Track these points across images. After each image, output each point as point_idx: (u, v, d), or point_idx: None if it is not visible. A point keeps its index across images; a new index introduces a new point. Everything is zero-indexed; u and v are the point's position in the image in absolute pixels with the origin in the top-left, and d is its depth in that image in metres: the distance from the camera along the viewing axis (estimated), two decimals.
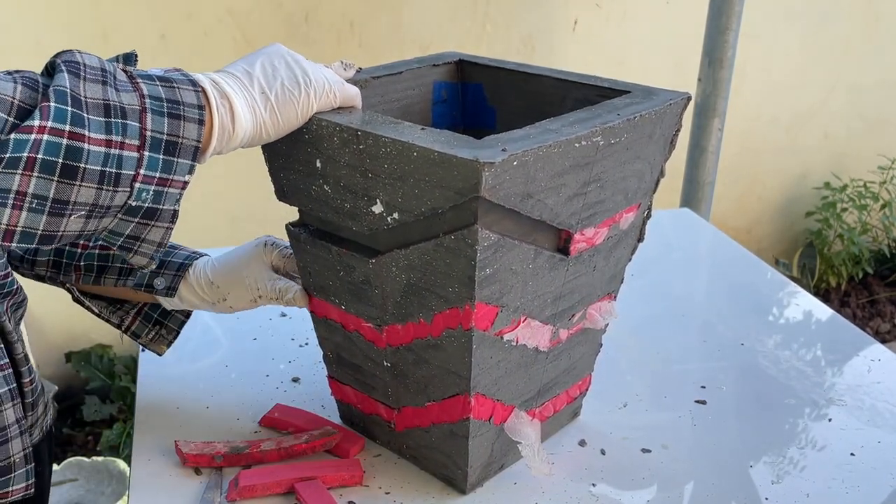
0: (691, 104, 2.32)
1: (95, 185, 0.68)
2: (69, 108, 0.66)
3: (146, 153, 0.70)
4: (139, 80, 0.72)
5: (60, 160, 0.65)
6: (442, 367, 0.86)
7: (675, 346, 1.25)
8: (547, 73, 1.00)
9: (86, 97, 0.68)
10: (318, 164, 0.84)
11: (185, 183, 0.75)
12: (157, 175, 0.72)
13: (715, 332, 1.29)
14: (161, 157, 0.72)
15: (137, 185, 0.71)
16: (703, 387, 1.14)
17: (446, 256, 0.78)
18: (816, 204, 3.07)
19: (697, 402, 1.11)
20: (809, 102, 3.04)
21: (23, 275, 1.01)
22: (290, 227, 0.95)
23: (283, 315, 1.31)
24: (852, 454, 1.01)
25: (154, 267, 0.89)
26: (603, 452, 1.01)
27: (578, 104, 0.94)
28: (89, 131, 0.67)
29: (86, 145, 0.66)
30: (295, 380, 1.14)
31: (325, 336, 1.00)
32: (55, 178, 0.66)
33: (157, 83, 0.73)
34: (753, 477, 0.97)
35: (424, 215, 0.78)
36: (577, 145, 0.78)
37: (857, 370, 1.19)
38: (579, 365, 1.00)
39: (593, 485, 0.95)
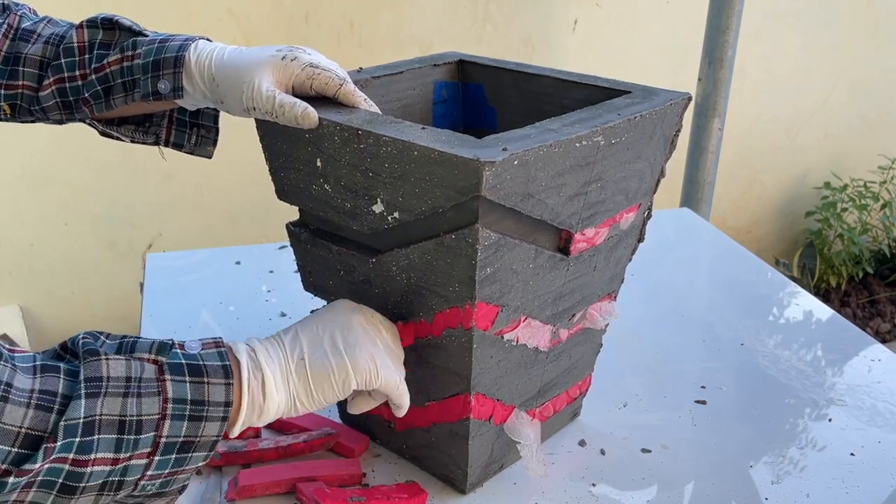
0: (691, 104, 2.32)
1: (95, 493, 0.67)
2: (77, 440, 0.64)
3: (156, 458, 0.68)
4: (167, 378, 0.68)
5: (60, 480, 0.64)
6: (442, 366, 0.86)
7: (675, 346, 1.25)
8: (547, 73, 1.00)
9: (101, 415, 0.65)
10: (319, 164, 0.84)
11: (198, 468, 0.72)
12: (166, 472, 0.69)
13: (715, 332, 1.29)
14: (173, 457, 0.69)
15: (143, 482, 0.69)
16: (703, 387, 1.14)
17: (447, 256, 0.78)
18: (816, 204, 3.07)
19: (697, 402, 1.11)
20: (809, 102, 3.04)
21: (41, 121, 0.97)
22: (291, 227, 0.95)
23: (283, 315, 1.32)
24: (852, 454, 1.01)
25: None
26: (603, 452, 1.01)
27: (579, 104, 0.94)
28: (96, 453, 0.65)
29: (89, 468, 0.65)
30: None
31: None
32: (53, 493, 0.65)
33: (186, 378, 0.69)
34: (753, 477, 0.97)
35: (425, 214, 0.78)
36: (577, 145, 0.78)
37: (857, 370, 1.19)
38: (579, 365, 1.00)
39: (593, 485, 0.95)
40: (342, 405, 1.05)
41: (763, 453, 1.01)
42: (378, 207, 0.81)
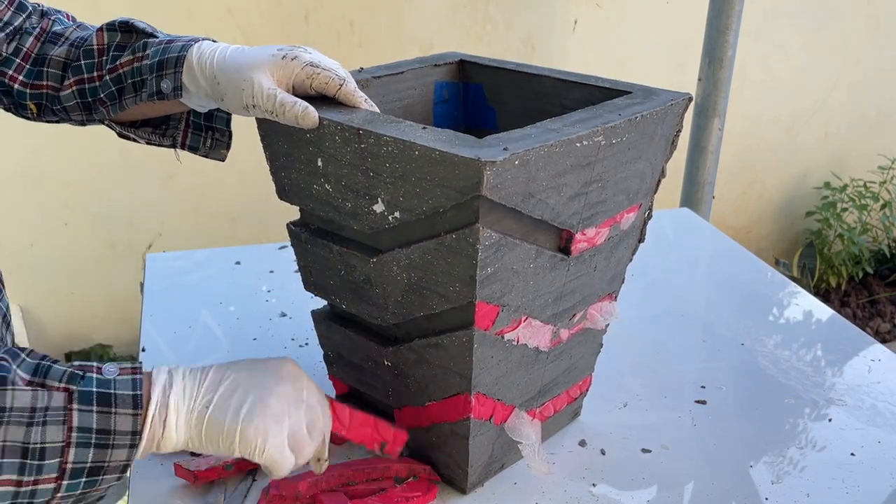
0: (691, 104, 2.32)
1: None
2: None
3: (65, 482, 0.70)
4: (74, 408, 0.70)
5: None
6: (443, 366, 0.86)
7: (675, 346, 1.25)
8: (547, 74, 1.00)
9: (4, 441, 0.67)
10: (320, 163, 0.84)
11: (111, 486, 0.73)
12: (77, 492, 0.71)
13: (715, 332, 1.29)
14: (83, 480, 0.71)
15: (54, 503, 0.71)
16: (703, 387, 1.14)
17: (447, 255, 0.78)
18: (816, 204, 3.07)
19: (697, 402, 1.11)
20: (810, 102, 3.04)
21: (65, 121, 0.99)
22: (291, 227, 0.95)
23: (284, 315, 1.31)
24: (852, 454, 1.01)
25: None
26: (603, 452, 1.01)
27: (579, 104, 0.94)
28: (2, 474, 0.67)
29: None
30: None
31: (326, 335, 1.00)
32: None
33: (94, 409, 0.70)
34: (753, 477, 0.97)
35: (426, 214, 0.78)
36: (578, 145, 0.78)
37: (857, 370, 1.19)
38: (580, 365, 1.00)
39: (593, 485, 0.95)
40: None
41: (763, 453, 1.01)
42: (379, 207, 0.81)
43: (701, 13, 2.41)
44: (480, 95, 1.08)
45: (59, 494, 0.70)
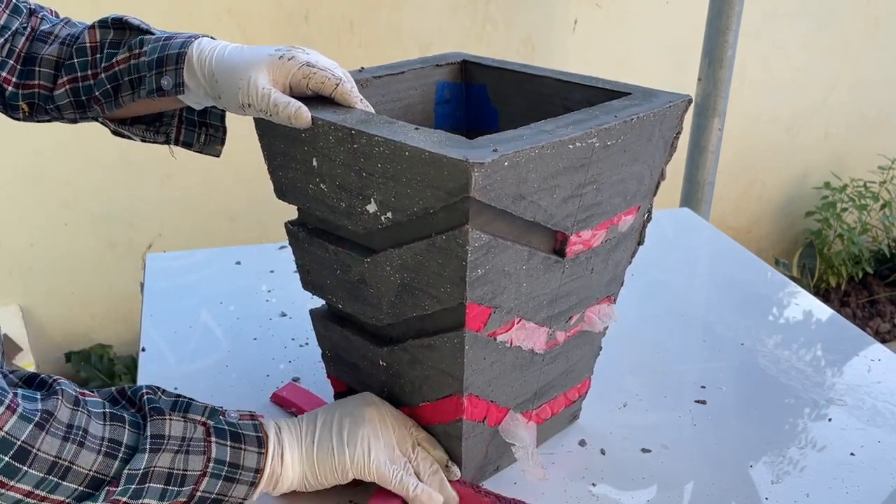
0: (691, 104, 2.32)
1: None
2: (133, 486, 0.75)
3: None
4: (213, 441, 0.80)
5: None
6: (435, 367, 0.86)
7: (675, 346, 1.25)
8: (549, 75, 1.00)
9: (155, 467, 0.76)
10: (315, 163, 0.84)
11: None
12: None
13: (715, 332, 1.29)
14: None
15: None
16: (703, 387, 1.14)
17: (438, 256, 0.78)
18: (816, 204, 3.07)
19: (697, 402, 1.11)
20: (809, 102, 3.04)
21: (57, 120, 0.99)
22: (289, 226, 0.95)
23: (284, 315, 1.31)
24: (852, 454, 1.01)
25: None
26: (603, 452, 1.01)
27: (580, 105, 0.93)
28: (144, 498, 0.76)
29: None
30: (295, 380, 1.14)
31: (324, 334, 1.00)
32: None
33: (228, 443, 0.80)
34: (753, 477, 0.97)
35: (417, 215, 0.77)
36: (571, 147, 0.77)
37: (857, 370, 1.19)
38: (577, 368, 1.00)
39: (593, 485, 0.95)
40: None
41: (763, 453, 1.01)
42: (372, 207, 0.81)
43: (701, 13, 2.40)
44: (483, 96, 1.08)
45: None
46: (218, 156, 1.04)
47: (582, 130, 0.78)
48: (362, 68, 1.02)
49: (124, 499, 0.74)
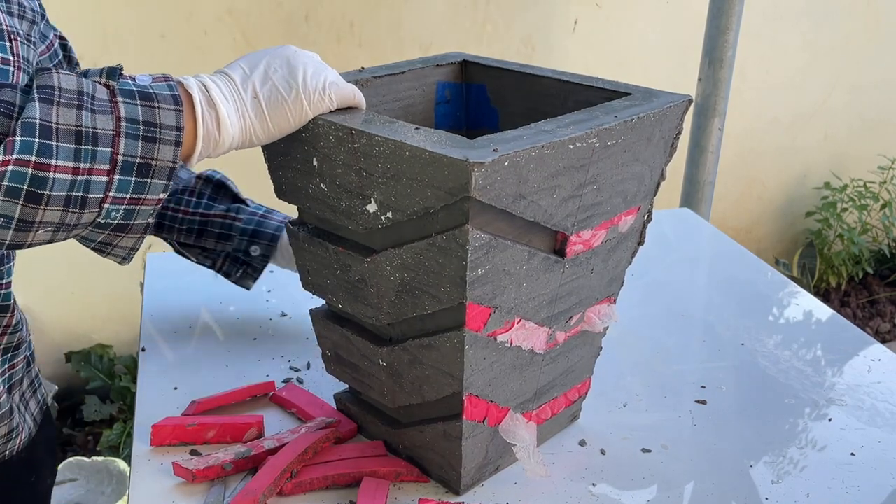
0: (692, 104, 2.32)
1: (61, 209, 0.69)
2: (36, 140, 0.67)
3: (116, 177, 0.71)
4: (119, 100, 0.72)
5: (25, 187, 0.67)
6: (435, 367, 0.86)
7: (675, 346, 1.25)
8: (549, 75, 1.00)
9: (57, 123, 0.68)
10: (315, 163, 0.84)
11: (160, 200, 0.75)
12: (128, 196, 0.73)
13: (715, 332, 1.29)
14: (133, 179, 0.72)
15: (106, 205, 0.72)
16: (703, 387, 1.14)
17: (438, 256, 0.78)
18: (816, 204, 3.07)
19: (697, 402, 1.11)
20: (809, 102, 3.04)
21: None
22: (290, 225, 0.95)
23: (284, 315, 1.31)
24: (852, 454, 1.01)
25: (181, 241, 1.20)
26: (603, 452, 1.01)
27: (581, 106, 0.93)
28: (56, 160, 0.67)
29: (51, 174, 0.67)
30: (296, 380, 1.14)
31: (324, 334, 1.00)
32: (20, 202, 0.67)
33: (138, 102, 0.73)
34: (753, 477, 0.97)
35: (417, 215, 0.77)
36: (571, 147, 0.77)
37: (857, 370, 1.19)
38: (578, 368, 1.00)
39: (593, 485, 0.95)
40: (341, 397, 1.05)
41: (763, 453, 1.01)
42: (372, 207, 0.81)
43: (701, 13, 2.40)
44: (483, 96, 1.08)
45: (111, 194, 0.71)
46: (248, 289, 1.26)
47: (582, 130, 0.78)
48: (362, 68, 1.02)
49: (32, 158, 0.66)
